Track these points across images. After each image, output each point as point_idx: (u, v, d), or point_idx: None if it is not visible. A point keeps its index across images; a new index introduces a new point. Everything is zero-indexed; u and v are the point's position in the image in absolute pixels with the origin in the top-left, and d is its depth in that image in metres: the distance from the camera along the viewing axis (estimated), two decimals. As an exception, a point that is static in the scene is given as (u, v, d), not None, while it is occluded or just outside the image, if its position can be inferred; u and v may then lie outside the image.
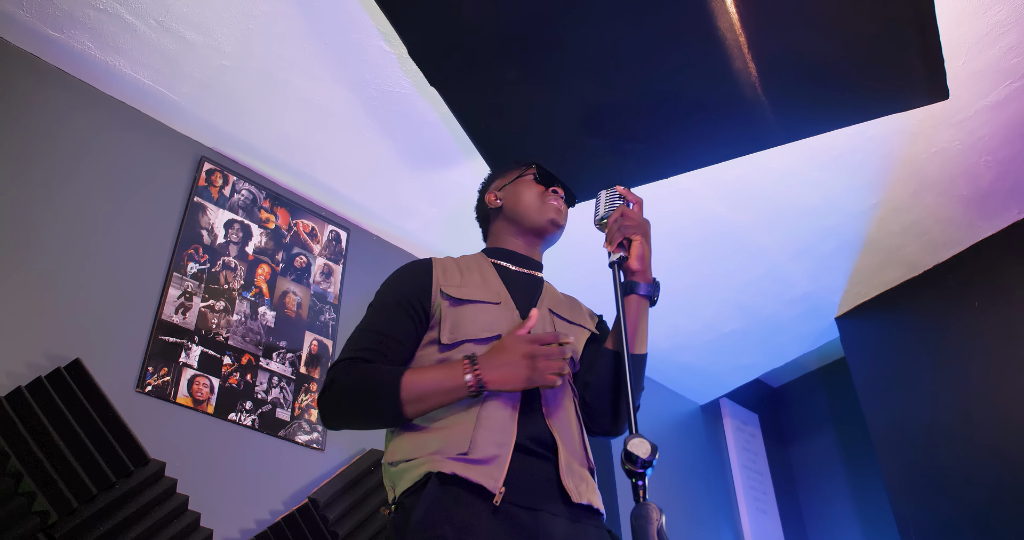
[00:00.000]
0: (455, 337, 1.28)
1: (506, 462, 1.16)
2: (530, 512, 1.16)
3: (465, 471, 1.14)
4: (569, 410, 1.31)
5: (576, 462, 1.25)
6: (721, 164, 2.60)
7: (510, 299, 1.38)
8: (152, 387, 2.01)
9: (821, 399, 4.09)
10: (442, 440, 1.18)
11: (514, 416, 1.22)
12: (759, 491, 3.67)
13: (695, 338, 3.56)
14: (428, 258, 1.42)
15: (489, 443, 1.18)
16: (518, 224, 1.50)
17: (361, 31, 2.36)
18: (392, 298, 1.34)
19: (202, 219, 2.43)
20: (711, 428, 3.85)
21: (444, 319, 1.30)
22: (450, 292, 1.33)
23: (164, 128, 2.56)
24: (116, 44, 2.38)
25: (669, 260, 3.14)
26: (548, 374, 1.17)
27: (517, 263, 1.48)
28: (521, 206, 1.50)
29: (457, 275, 1.38)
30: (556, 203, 1.50)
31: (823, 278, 3.30)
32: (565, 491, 1.20)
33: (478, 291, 1.35)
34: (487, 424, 1.20)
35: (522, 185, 1.53)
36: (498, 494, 1.13)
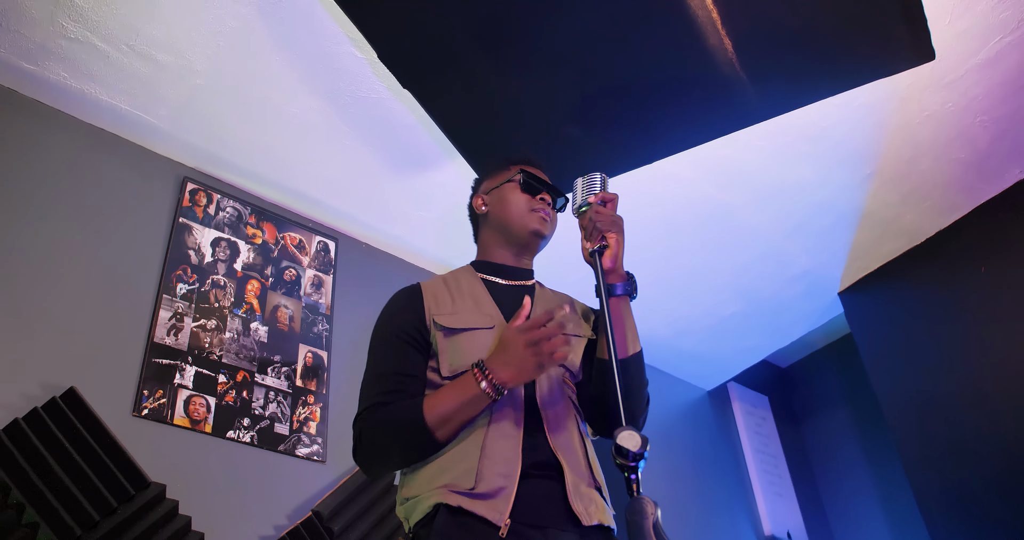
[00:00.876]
0: (455, 369, 1.27)
1: (512, 494, 1.16)
2: (538, 530, 1.16)
3: (471, 505, 1.15)
4: (572, 430, 1.29)
5: (583, 483, 1.24)
6: (708, 146, 2.57)
7: (503, 321, 1.35)
8: (148, 410, 2.01)
9: (831, 376, 4.04)
10: (450, 475, 1.19)
11: (518, 445, 1.22)
12: (774, 474, 3.63)
13: (696, 323, 3.53)
14: (416, 285, 1.40)
15: (494, 476, 1.18)
16: (503, 234, 1.47)
17: (331, 39, 2.36)
18: (391, 334, 1.33)
19: (188, 239, 2.43)
20: (720, 413, 3.81)
21: (441, 352, 1.30)
22: (443, 322, 1.32)
23: (145, 152, 2.56)
24: (90, 72, 2.38)
25: (663, 246, 3.11)
26: (557, 353, 1.18)
27: (507, 276, 1.45)
28: (505, 215, 1.47)
29: (448, 301, 1.37)
30: (542, 213, 1.46)
31: (822, 254, 3.26)
32: (574, 514, 1.19)
33: (470, 317, 1.34)
34: (491, 455, 1.19)
35: (508, 191, 1.49)
36: (503, 527, 1.13)
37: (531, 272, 1.51)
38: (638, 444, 1.08)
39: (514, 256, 1.48)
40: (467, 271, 1.47)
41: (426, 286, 1.39)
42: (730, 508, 3.44)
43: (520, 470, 1.19)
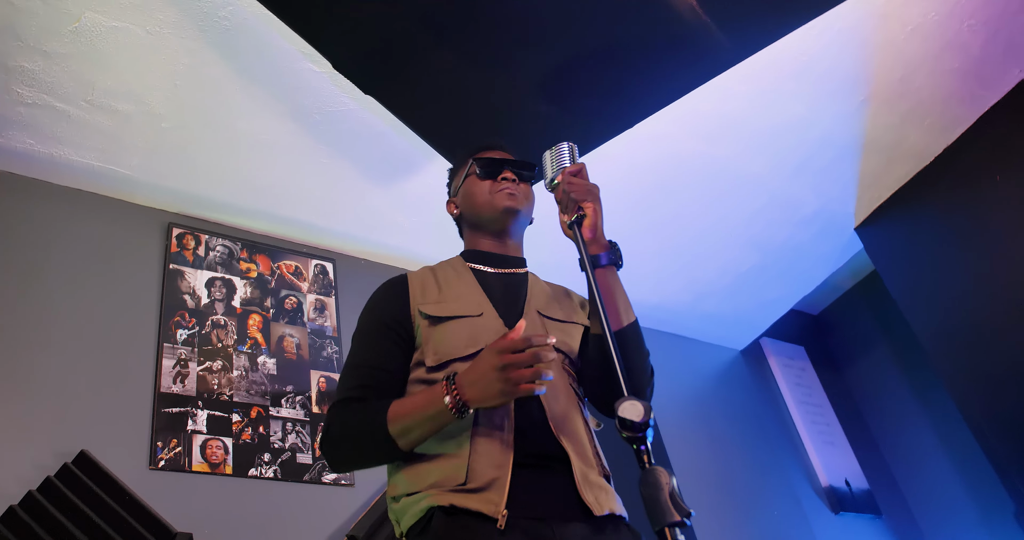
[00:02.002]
0: (439, 358, 1.22)
1: (506, 484, 1.10)
2: (542, 523, 1.10)
3: (463, 501, 1.09)
4: (576, 418, 1.23)
5: (593, 472, 1.19)
6: (690, 100, 2.48)
7: (492, 308, 1.30)
8: (165, 461, 1.99)
9: (865, 316, 3.93)
10: (440, 471, 1.14)
11: (509, 435, 1.16)
12: (822, 424, 3.53)
13: (714, 284, 3.43)
14: (403, 274, 1.36)
15: (486, 468, 1.12)
16: (479, 225, 1.43)
17: (286, 58, 2.31)
18: (372, 325, 1.29)
19: (182, 284, 2.40)
20: (757, 371, 3.71)
21: (426, 341, 1.25)
22: (428, 311, 1.27)
23: (124, 204, 2.55)
24: (55, 134, 2.37)
25: (665, 211, 3.02)
26: (522, 384, 1.07)
27: (494, 264, 1.40)
28: (475, 207, 1.43)
29: (435, 289, 1.32)
30: (506, 189, 1.41)
31: (830, 190, 3.14)
32: (585, 505, 1.13)
33: (457, 305, 1.29)
34: (482, 449, 1.14)
35: (470, 185, 1.45)
36: (500, 518, 1.07)
37: (522, 260, 1.46)
38: (641, 413, 0.99)
39: (498, 242, 1.43)
40: (456, 261, 1.42)
41: (413, 276, 1.35)
42: (782, 466, 3.35)
43: (513, 460, 1.13)
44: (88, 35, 2.17)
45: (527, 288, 1.38)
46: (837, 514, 3.31)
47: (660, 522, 0.93)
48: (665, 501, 0.95)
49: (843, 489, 3.39)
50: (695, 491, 2.91)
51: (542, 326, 1.31)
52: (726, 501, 3.03)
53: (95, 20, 2.15)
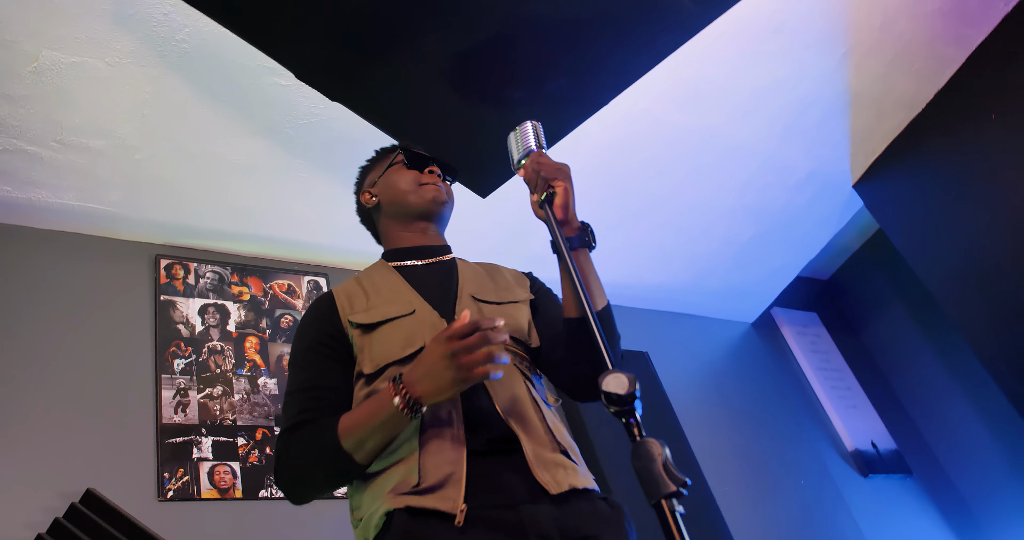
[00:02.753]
0: (376, 363, 1.18)
1: (462, 478, 1.07)
2: (509, 509, 1.06)
3: (419, 501, 1.06)
4: (523, 397, 1.20)
5: (546, 450, 1.16)
6: (668, 72, 2.42)
7: (424, 303, 1.27)
8: (173, 491, 1.98)
9: (875, 275, 3.87)
10: (394, 479, 1.11)
11: (459, 429, 1.13)
12: (842, 388, 3.47)
13: (716, 258, 3.37)
14: (328, 292, 1.33)
15: (439, 465, 1.09)
16: (402, 215, 1.40)
17: (250, 75, 2.28)
18: (306, 346, 1.25)
19: (174, 314, 2.39)
20: (771, 342, 3.66)
21: (362, 350, 1.22)
22: (358, 319, 1.23)
23: (108, 241, 2.53)
24: (29, 178, 2.35)
25: (657, 189, 2.97)
26: (476, 369, 1.04)
27: (420, 256, 1.37)
28: (398, 194, 1.40)
29: (363, 298, 1.29)
30: (433, 183, 1.40)
31: (823, 150, 3.08)
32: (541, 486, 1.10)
33: (387, 308, 1.25)
34: (431, 447, 1.11)
35: (394, 174, 1.43)
36: (459, 514, 1.04)
37: (446, 247, 1.42)
38: (625, 385, 0.96)
39: (421, 234, 1.40)
40: (379, 265, 1.39)
41: (338, 290, 1.32)
42: (805, 434, 3.29)
43: (466, 452, 1.10)
44: (49, 74, 2.15)
45: (457, 275, 1.35)
46: (866, 477, 3.25)
47: (655, 495, 0.89)
48: (658, 472, 0.91)
49: (870, 451, 3.33)
50: (719, 468, 2.86)
51: (479, 311, 1.28)
52: (751, 475, 2.98)
53: (53, 58, 2.13)
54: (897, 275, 3.73)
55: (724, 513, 2.72)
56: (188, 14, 2.12)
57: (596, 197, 2.86)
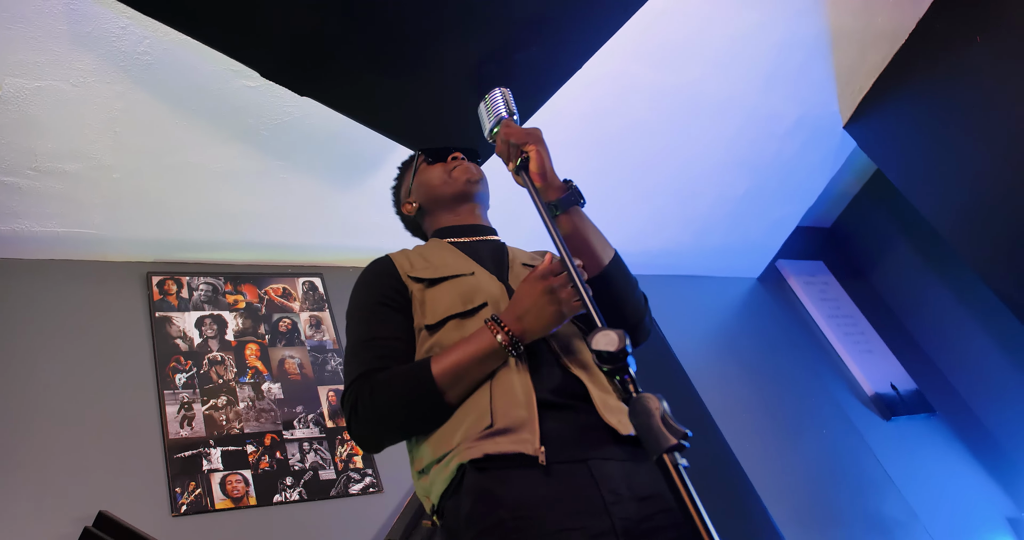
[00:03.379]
0: (438, 315, 1.21)
1: (535, 421, 1.08)
2: (580, 464, 1.07)
3: (495, 446, 1.06)
4: (584, 349, 1.23)
5: (611, 398, 1.17)
6: (636, 30, 2.37)
7: (482, 268, 1.31)
8: (187, 505, 1.98)
9: (878, 217, 3.82)
10: (463, 427, 1.11)
11: (525, 376, 1.14)
12: (855, 333, 3.44)
13: (713, 216, 3.32)
14: (385, 256, 1.36)
15: (511, 407, 1.10)
16: (442, 205, 1.45)
17: (218, 80, 2.25)
18: (371, 300, 1.27)
19: (171, 329, 2.38)
20: (779, 295, 3.62)
21: (423, 303, 1.24)
22: (419, 274, 1.27)
23: (98, 264, 2.52)
24: (10, 209, 2.34)
25: (643, 150, 2.92)
26: (573, 301, 1.11)
27: (469, 234, 1.41)
28: (433, 189, 1.45)
29: (421, 260, 1.32)
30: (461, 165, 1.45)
31: (808, 94, 3.01)
32: (611, 428, 1.11)
33: (447, 268, 1.29)
34: (502, 392, 1.12)
35: (422, 175, 1.49)
36: (540, 455, 1.04)
37: (493, 229, 1.46)
38: (615, 342, 0.95)
39: (467, 215, 1.44)
40: (431, 241, 1.44)
41: (394, 255, 1.35)
42: (823, 383, 3.26)
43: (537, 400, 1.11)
44: (15, 101, 2.13)
45: (507, 250, 1.38)
46: (889, 420, 3.22)
47: (656, 449, 0.87)
48: (658, 427, 0.89)
49: (891, 394, 3.29)
50: (738, 426, 2.83)
51: None
52: (772, 430, 2.95)
53: (17, 85, 2.10)
54: (900, 214, 3.67)
55: (747, 470, 2.70)
56: (146, 25, 2.09)
57: (583, 166, 2.80)
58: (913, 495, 2.92)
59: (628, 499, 1.04)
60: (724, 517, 2.44)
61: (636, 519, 1.03)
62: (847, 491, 2.88)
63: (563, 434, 1.09)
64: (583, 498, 1.03)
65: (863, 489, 2.90)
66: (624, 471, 1.08)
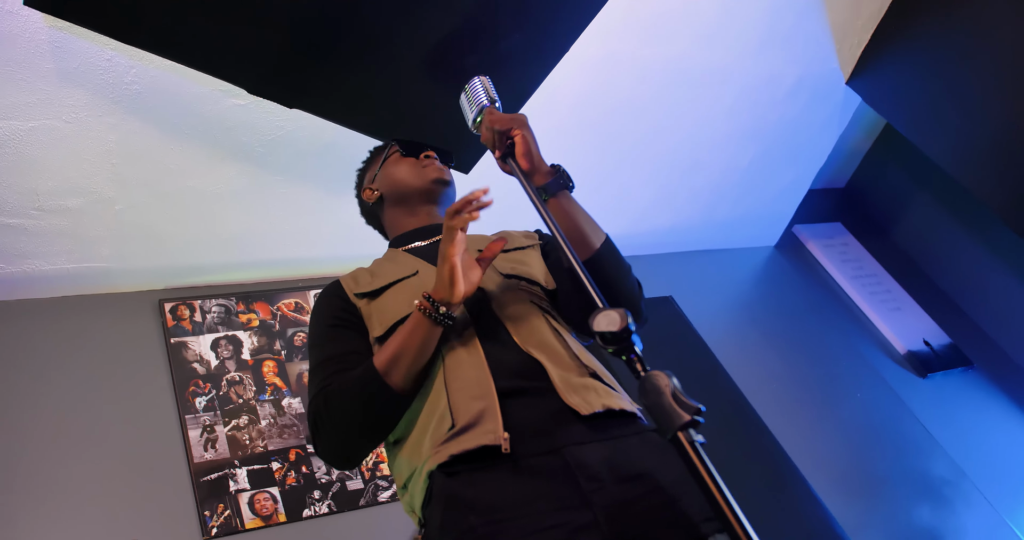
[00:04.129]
0: (385, 324, 1.20)
1: (496, 410, 1.05)
2: (553, 454, 1.03)
3: (459, 446, 1.04)
4: (541, 327, 1.20)
5: (572, 374, 1.14)
6: (619, 10, 2.34)
7: (427, 265, 1.29)
8: (217, 528, 1.98)
9: (893, 172, 3.73)
10: (429, 433, 1.09)
11: (482, 364, 1.11)
12: (882, 292, 3.35)
13: (721, 187, 3.25)
14: (335, 280, 1.36)
15: (469, 402, 1.07)
16: (406, 201, 1.43)
17: (207, 102, 2.25)
18: (324, 324, 1.26)
19: (187, 354, 2.39)
20: (799, 261, 3.54)
21: (370, 317, 1.24)
22: (363, 290, 1.27)
23: (110, 296, 2.54)
24: (18, 250, 2.36)
25: (640, 128, 2.87)
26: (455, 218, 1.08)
27: (425, 236, 1.39)
28: (400, 182, 1.44)
29: (367, 276, 1.32)
30: (432, 165, 1.45)
31: (805, 53, 2.94)
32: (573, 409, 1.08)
33: (387, 275, 1.29)
34: (457, 387, 1.09)
35: (392, 165, 1.47)
36: (503, 442, 1.02)
37: None
38: (617, 321, 0.91)
39: (426, 216, 1.42)
40: (388, 253, 1.44)
41: (343, 278, 1.36)
42: (853, 346, 3.18)
43: (496, 388, 1.08)
44: (11, 144, 2.15)
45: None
46: (925, 378, 3.14)
47: (670, 427, 0.84)
48: (669, 404, 0.85)
49: (924, 351, 3.21)
50: (768, 399, 2.77)
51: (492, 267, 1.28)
52: (805, 399, 2.88)
53: (10, 127, 2.12)
54: (914, 166, 3.57)
55: (782, 442, 2.64)
56: (131, 55, 2.09)
57: (580, 149, 2.77)
58: (958, 452, 2.84)
59: (610, 483, 1.01)
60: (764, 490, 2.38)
61: (621, 503, 1.00)
62: (889, 454, 2.81)
63: (529, 422, 1.06)
64: (560, 492, 0.99)
65: (905, 450, 2.83)
66: (605, 452, 1.04)
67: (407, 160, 1.45)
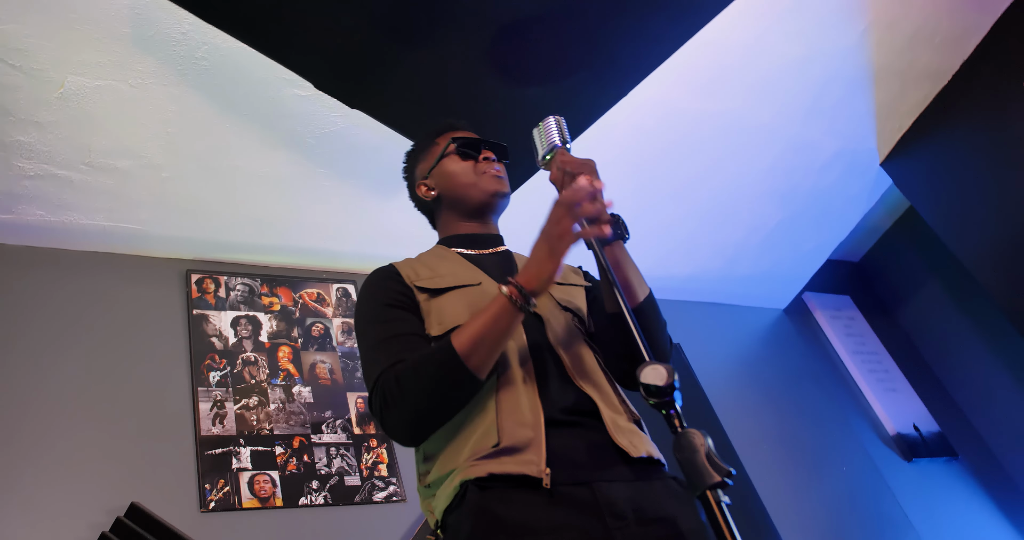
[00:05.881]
0: (443, 328, 1.20)
1: (541, 442, 1.07)
2: (584, 487, 1.06)
3: (500, 467, 1.06)
4: (594, 366, 1.22)
5: (621, 418, 1.17)
6: (682, 58, 2.40)
7: (489, 278, 1.30)
8: (215, 502, 2.01)
9: (908, 254, 3.79)
10: (470, 444, 1.10)
11: (534, 392, 1.13)
12: (880, 371, 3.41)
13: (745, 245, 3.33)
14: (388, 264, 1.34)
15: (517, 427, 1.09)
16: (463, 207, 1.41)
17: (270, 88, 2.31)
18: (382, 303, 1.24)
19: (208, 327, 2.43)
20: (804, 327, 3.60)
21: (428, 314, 1.22)
22: (425, 284, 1.26)
23: (140, 259, 2.58)
24: (62, 202, 2.41)
25: (679, 176, 2.95)
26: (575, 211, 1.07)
27: (477, 246, 1.39)
28: (458, 188, 1.40)
29: (426, 269, 1.31)
30: (493, 171, 1.40)
31: (847, 129, 3.02)
32: (621, 449, 1.11)
33: (452, 278, 1.28)
34: (509, 410, 1.11)
35: (448, 165, 1.42)
36: (544, 477, 1.04)
37: (500, 238, 1.44)
38: (664, 376, 0.95)
39: (479, 224, 1.41)
40: (437, 248, 1.41)
41: (398, 263, 1.34)
42: (845, 419, 3.25)
43: (544, 418, 1.10)
44: (75, 99, 2.20)
45: (515, 261, 1.38)
46: (910, 461, 3.19)
47: (700, 485, 0.88)
48: (702, 463, 0.90)
49: (913, 435, 3.27)
50: (758, 457, 2.82)
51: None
52: (792, 463, 2.94)
53: (78, 83, 2.17)
54: (930, 253, 3.65)
55: (765, 502, 2.69)
56: (206, 32, 2.15)
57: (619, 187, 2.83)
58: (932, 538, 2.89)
59: (634, 523, 1.04)
60: (742, 547, 2.35)
61: None
62: (866, 530, 2.86)
63: (571, 454, 1.08)
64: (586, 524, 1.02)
65: (882, 529, 2.88)
66: (630, 492, 1.07)
67: (466, 162, 1.41)
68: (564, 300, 1.31)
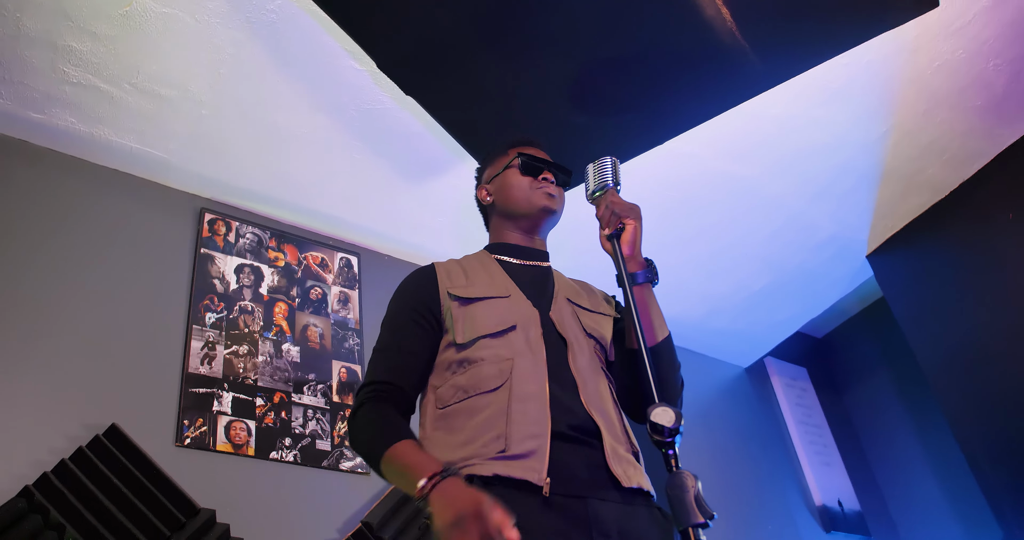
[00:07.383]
0: (469, 335, 1.27)
1: (545, 453, 1.15)
2: (579, 500, 1.14)
3: (506, 469, 1.13)
4: (606, 396, 1.30)
5: (621, 447, 1.24)
6: (717, 120, 2.54)
7: (519, 292, 1.37)
8: (191, 439, 2.04)
9: (868, 342, 3.98)
10: (478, 442, 1.18)
11: (545, 407, 1.21)
12: (819, 444, 3.59)
13: (727, 301, 3.49)
14: (431, 264, 1.42)
15: (524, 436, 1.16)
16: (512, 218, 1.48)
17: (329, 55, 2.36)
18: (403, 311, 1.34)
19: (212, 269, 2.46)
20: (760, 389, 3.77)
21: (456, 320, 1.30)
22: (457, 293, 1.33)
23: (159, 187, 2.60)
24: (96, 114, 2.42)
25: (687, 227, 3.08)
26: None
27: (520, 256, 1.46)
28: (511, 200, 1.48)
29: (462, 276, 1.38)
30: (546, 189, 1.47)
31: (847, 217, 3.20)
32: (614, 477, 1.19)
33: (485, 288, 1.35)
34: (519, 418, 1.18)
35: (509, 176, 1.50)
36: (545, 485, 1.12)
37: (546, 254, 1.51)
38: (672, 419, 1.05)
39: (526, 236, 1.49)
40: (481, 254, 1.48)
41: (439, 264, 1.41)
42: (779, 482, 3.41)
43: (551, 431, 1.18)
44: (138, 19, 2.22)
45: (553, 279, 1.44)
46: (828, 533, 3.37)
47: (685, 522, 0.99)
48: (690, 502, 1.00)
49: (835, 509, 3.45)
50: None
51: (572, 313, 1.38)
52: (724, 512, 3.08)
53: (145, 5, 2.20)
54: (888, 345, 3.83)
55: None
56: (283, -14, 2.19)
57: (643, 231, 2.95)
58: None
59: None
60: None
61: None
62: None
63: (571, 468, 1.16)
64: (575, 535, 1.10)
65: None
66: (618, 514, 1.15)
67: (525, 178, 1.47)
68: (591, 328, 1.38)
